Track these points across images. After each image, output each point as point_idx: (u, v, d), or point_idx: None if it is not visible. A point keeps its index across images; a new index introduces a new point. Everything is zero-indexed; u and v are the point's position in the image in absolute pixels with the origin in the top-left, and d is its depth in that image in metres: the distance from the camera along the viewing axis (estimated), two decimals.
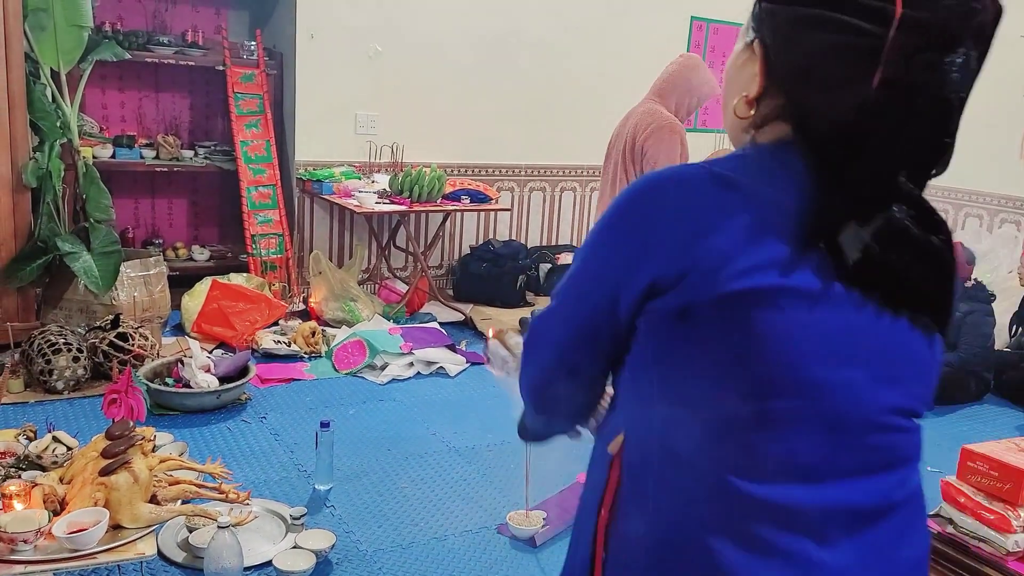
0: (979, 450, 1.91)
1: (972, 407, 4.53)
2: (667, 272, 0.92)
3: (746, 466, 0.91)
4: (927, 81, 0.90)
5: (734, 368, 0.91)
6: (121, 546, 2.43)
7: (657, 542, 0.96)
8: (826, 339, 0.91)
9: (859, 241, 0.91)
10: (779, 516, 0.91)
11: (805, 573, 0.91)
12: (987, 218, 6.26)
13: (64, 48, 4.12)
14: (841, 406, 0.92)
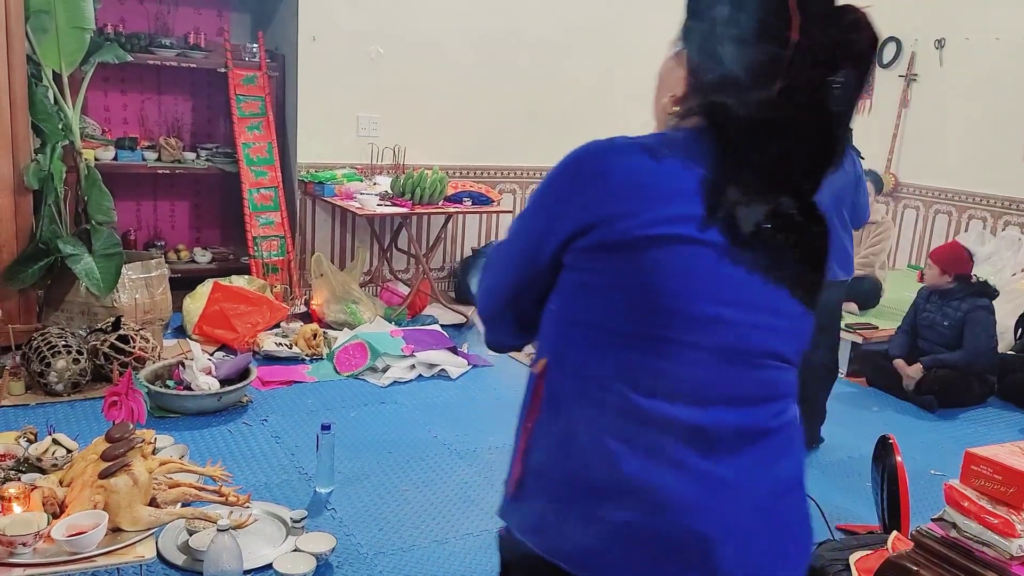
0: (983, 454, 1.89)
1: (976, 410, 4.51)
2: (592, 217, 1.11)
3: (645, 386, 1.09)
4: (815, 94, 1.10)
5: (639, 300, 1.09)
6: (120, 549, 2.43)
7: (567, 444, 1.13)
8: (718, 286, 1.10)
9: (752, 218, 1.10)
10: (672, 429, 1.09)
11: (691, 479, 1.09)
12: (991, 220, 6.24)
13: (66, 50, 4.12)
14: (728, 343, 1.11)
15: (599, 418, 1.11)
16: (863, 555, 2.31)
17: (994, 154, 6.17)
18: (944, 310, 4.51)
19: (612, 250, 1.10)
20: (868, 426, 4.10)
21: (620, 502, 1.09)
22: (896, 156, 6.79)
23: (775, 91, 1.09)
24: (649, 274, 1.09)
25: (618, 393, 1.10)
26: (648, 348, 1.10)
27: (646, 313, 1.09)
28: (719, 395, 1.11)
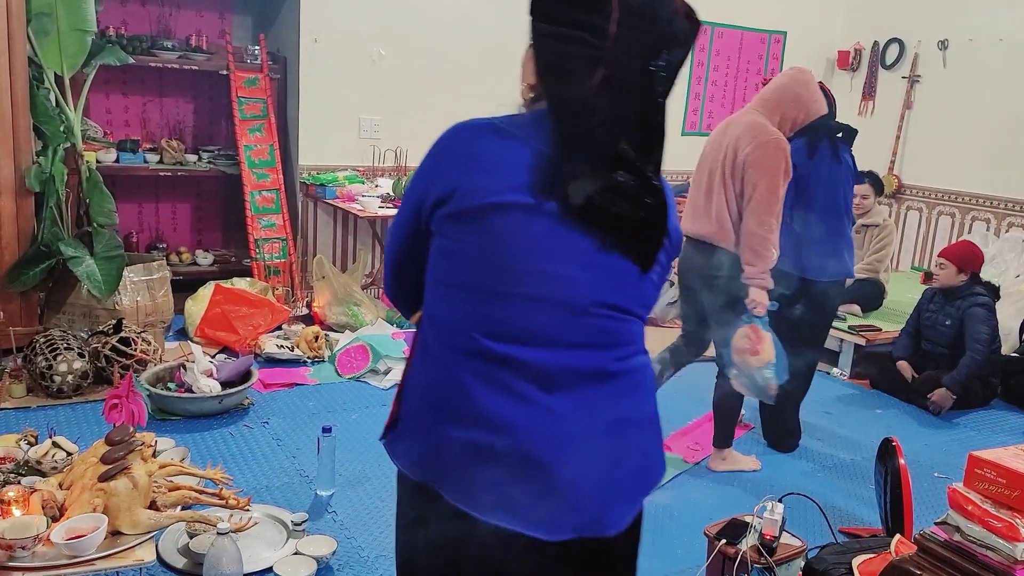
0: (986, 457, 1.88)
1: (980, 412, 4.50)
2: (450, 187, 1.30)
3: (495, 332, 1.28)
4: (634, 81, 1.26)
5: (486, 261, 1.28)
6: (120, 552, 2.42)
7: (431, 384, 1.34)
8: (552, 248, 1.27)
9: (583, 191, 1.25)
10: (516, 368, 1.27)
11: (533, 409, 1.27)
12: (994, 222, 6.22)
13: (68, 52, 4.12)
14: (567, 295, 1.28)
15: (457, 360, 1.30)
16: (866, 559, 2.29)
17: (998, 156, 6.16)
18: (946, 309, 4.50)
19: (463, 217, 1.29)
20: (871, 428, 4.09)
21: (472, 427, 1.28)
22: (899, 158, 6.77)
23: (598, 79, 1.24)
24: (492, 238, 1.27)
25: (473, 339, 1.29)
26: (496, 301, 1.28)
27: (491, 271, 1.28)
28: (559, 340, 1.28)
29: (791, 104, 3.32)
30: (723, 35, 6.66)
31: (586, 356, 1.30)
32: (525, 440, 1.26)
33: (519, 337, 1.28)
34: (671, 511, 3.19)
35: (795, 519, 2.67)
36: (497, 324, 1.28)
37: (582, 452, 1.28)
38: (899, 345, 4.71)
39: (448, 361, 1.31)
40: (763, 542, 2.40)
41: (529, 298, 1.28)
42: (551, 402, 1.28)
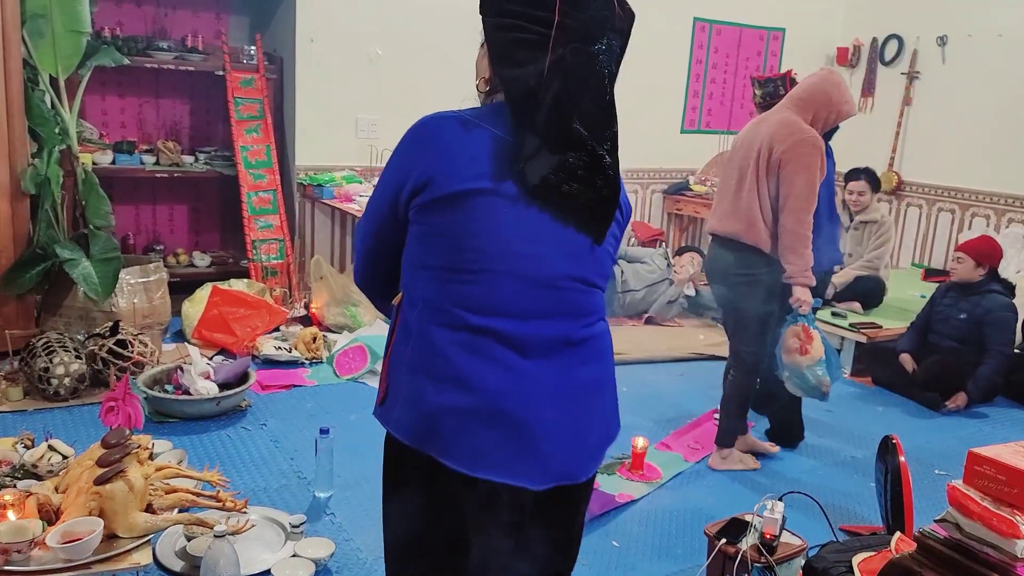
0: (986, 454, 1.86)
1: (981, 409, 4.48)
2: (423, 178, 1.42)
3: (473, 307, 1.42)
4: (580, 62, 1.39)
5: (458, 243, 1.41)
6: (116, 556, 2.41)
7: (416, 354, 1.45)
8: (521, 228, 1.40)
9: (539, 172, 1.39)
10: (495, 338, 1.42)
11: (512, 375, 1.42)
12: (994, 218, 6.21)
13: (63, 54, 4.11)
14: (534, 270, 1.42)
15: (439, 333, 1.43)
16: (866, 556, 2.28)
17: (997, 151, 6.14)
18: (961, 304, 4.49)
19: (438, 204, 1.41)
20: (872, 426, 4.08)
21: (457, 393, 1.41)
22: (899, 154, 6.76)
23: (546, 64, 1.38)
24: (462, 223, 1.40)
25: (453, 314, 1.42)
26: (473, 279, 1.41)
27: (465, 252, 1.41)
28: (531, 311, 1.43)
29: (822, 104, 3.33)
30: (721, 32, 6.64)
31: (555, 325, 1.46)
32: (506, 403, 1.42)
33: (496, 310, 1.42)
34: (671, 510, 3.17)
35: (795, 518, 2.66)
36: (475, 299, 1.42)
37: (556, 411, 1.45)
38: (905, 338, 4.71)
39: (432, 336, 1.44)
40: (763, 541, 2.39)
41: (503, 274, 1.42)
42: (527, 367, 1.43)
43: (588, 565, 2.75)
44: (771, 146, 3.25)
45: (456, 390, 1.42)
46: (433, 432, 1.42)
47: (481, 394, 1.41)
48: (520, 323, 1.43)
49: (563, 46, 1.39)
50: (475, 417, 1.41)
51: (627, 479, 3.36)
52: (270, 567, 2.57)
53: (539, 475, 1.44)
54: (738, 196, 3.32)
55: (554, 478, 1.45)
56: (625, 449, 3.53)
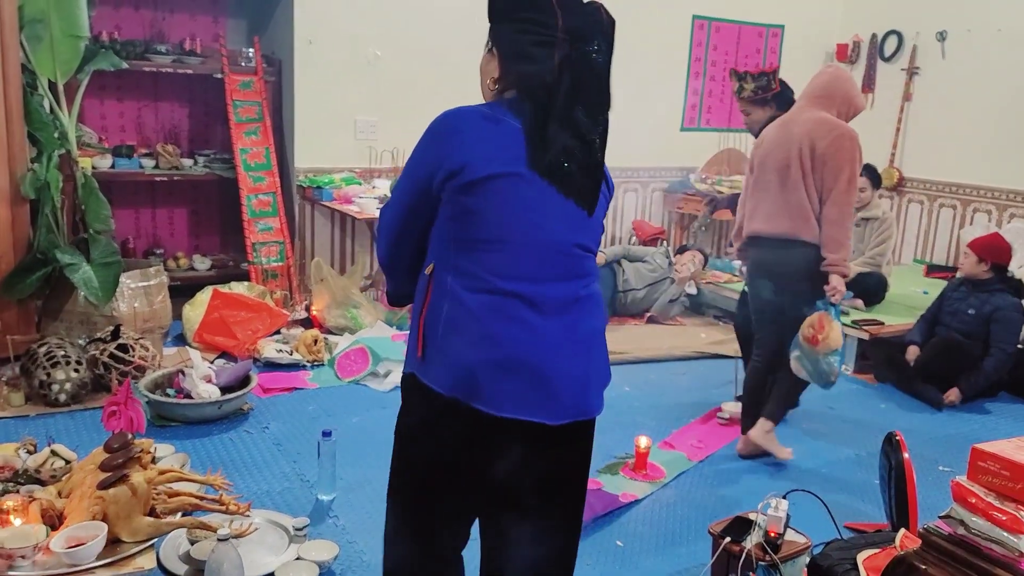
0: (990, 449, 1.86)
1: (985, 405, 4.48)
2: (458, 164, 1.65)
3: (500, 272, 1.67)
4: (581, 60, 1.67)
5: (487, 219, 1.66)
6: (120, 560, 2.41)
7: (451, 315, 1.69)
8: (537, 204, 1.67)
9: (551, 155, 1.66)
10: (519, 299, 1.67)
11: (531, 329, 1.68)
12: (996, 213, 6.20)
13: (61, 59, 4.11)
14: (549, 239, 1.69)
15: (471, 297, 1.67)
16: (871, 554, 2.28)
17: (998, 146, 6.14)
18: (970, 299, 4.50)
19: (469, 188, 1.65)
20: (875, 423, 4.07)
21: (485, 347, 1.66)
22: (900, 150, 6.75)
23: (556, 62, 1.65)
24: (491, 201, 1.65)
25: (483, 279, 1.67)
26: (498, 249, 1.67)
27: (492, 227, 1.66)
28: (547, 274, 1.69)
29: (843, 100, 3.46)
30: (720, 29, 6.63)
31: (566, 286, 1.72)
32: (528, 355, 1.67)
33: (519, 275, 1.67)
34: (675, 509, 3.17)
35: (799, 515, 2.65)
36: (502, 266, 1.67)
37: (567, 359, 1.71)
38: (914, 330, 4.72)
39: (465, 299, 1.68)
40: (768, 539, 2.39)
41: (524, 244, 1.67)
42: (543, 324, 1.69)
43: (592, 565, 2.75)
44: (812, 144, 3.36)
45: (486, 347, 1.66)
46: (468, 383, 1.66)
47: (507, 348, 1.67)
48: (538, 286, 1.68)
49: (567, 46, 1.65)
50: (502, 368, 1.66)
51: (631, 479, 3.35)
52: (274, 570, 2.56)
53: (557, 413, 1.70)
54: (784, 196, 3.42)
55: (570, 415, 1.72)
56: (628, 449, 3.53)
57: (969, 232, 6.12)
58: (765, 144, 3.53)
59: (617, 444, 3.66)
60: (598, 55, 1.70)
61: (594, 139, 1.70)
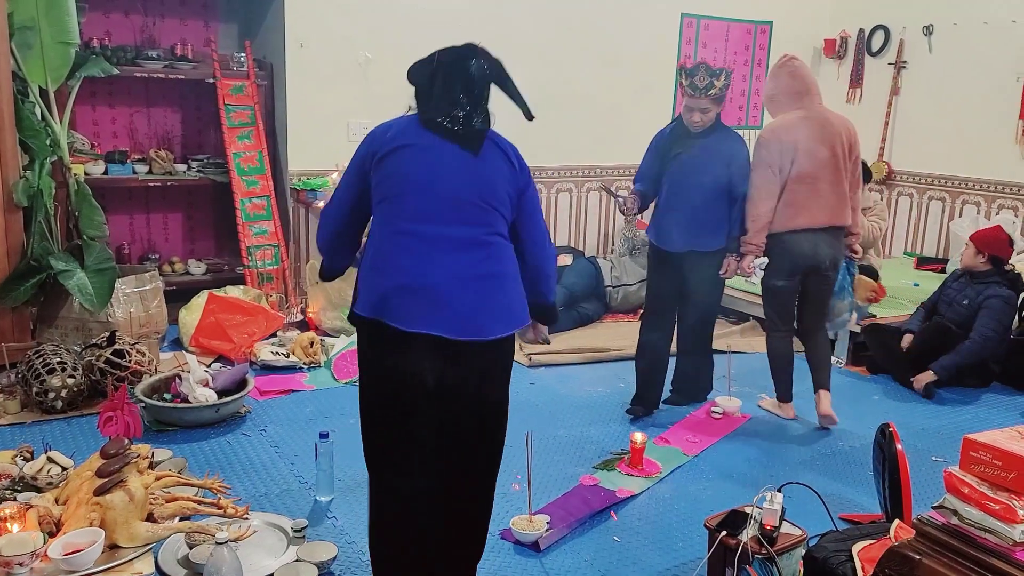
0: (982, 439, 1.87)
1: (977, 395, 4.50)
2: (377, 147, 2.23)
3: (405, 216, 2.17)
4: (452, 67, 2.26)
5: (400, 179, 2.19)
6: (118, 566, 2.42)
7: (373, 254, 2.21)
8: (433, 163, 2.19)
9: (443, 124, 2.21)
10: (419, 237, 2.15)
11: (430, 261, 2.14)
12: (984, 205, 6.23)
13: (51, 65, 4.11)
14: (441, 190, 2.17)
15: (384, 238, 2.18)
16: (866, 545, 2.29)
17: (986, 138, 6.17)
18: (967, 291, 4.53)
19: (382, 160, 2.20)
20: (869, 415, 4.09)
21: (393, 275, 2.14)
22: (888, 144, 6.78)
23: (433, 68, 2.27)
24: (396, 165, 2.19)
25: (393, 224, 2.18)
26: (401, 200, 2.18)
27: (396, 183, 2.18)
28: (440, 218, 2.16)
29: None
30: (708, 27, 6.65)
31: (464, 230, 2.16)
32: (426, 280, 2.13)
33: (418, 218, 2.15)
34: (671, 504, 3.19)
35: (794, 508, 2.67)
36: (406, 212, 2.16)
37: (461, 288, 2.14)
38: (912, 319, 4.75)
39: (380, 240, 2.19)
40: (763, 532, 2.40)
41: (423, 194, 2.16)
42: (440, 257, 2.14)
43: (590, 561, 2.77)
44: (850, 141, 3.81)
45: (393, 274, 2.14)
46: (383, 305, 2.13)
47: (409, 276, 2.13)
48: (436, 227, 2.15)
49: (441, 63, 2.28)
50: (406, 291, 2.12)
51: (626, 474, 3.37)
52: (273, 572, 2.57)
53: (453, 329, 2.12)
54: (839, 189, 3.78)
55: (465, 333, 2.13)
56: (624, 444, 3.55)
57: (959, 224, 6.16)
58: (807, 139, 3.72)
59: (613, 440, 3.68)
60: (475, 67, 2.26)
61: (469, 111, 2.22)
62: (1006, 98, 6.01)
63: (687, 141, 3.79)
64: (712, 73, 3.70)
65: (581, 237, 6.50)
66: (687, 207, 3.77)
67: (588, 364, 4.78)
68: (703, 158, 3.74)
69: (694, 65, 3.75)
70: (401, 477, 2.28)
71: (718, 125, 3.80)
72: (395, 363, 2.16)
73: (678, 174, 3.80)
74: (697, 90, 3.70)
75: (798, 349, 4.03)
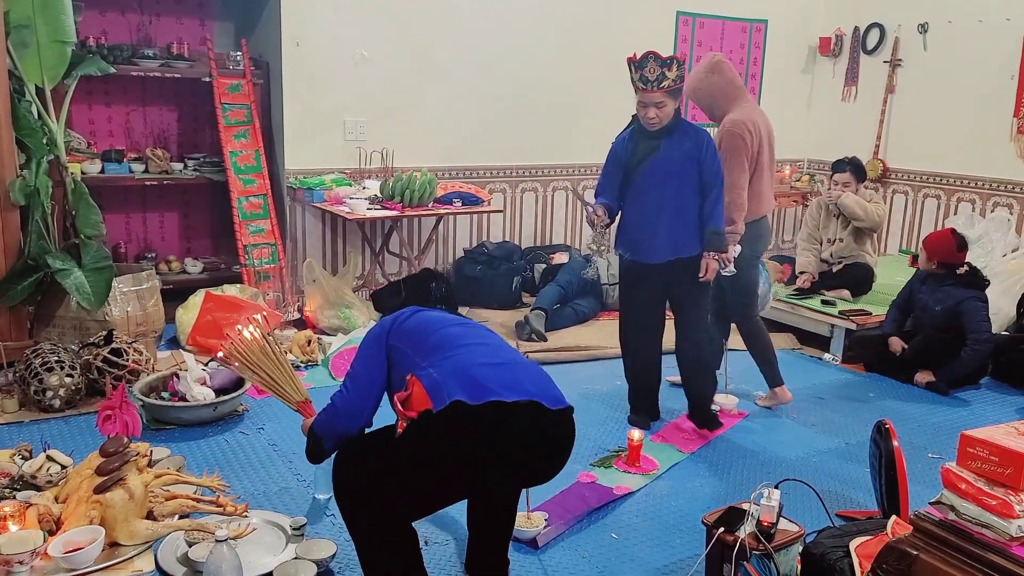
0: (978, 436, 1.88)
1: (971, 391, 4.52)
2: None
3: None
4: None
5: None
6: (118, 564, 2.42)
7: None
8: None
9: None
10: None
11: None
12: (979, 203, 6.25)
13: (48, 64, 4.10)
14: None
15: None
16: (863, 541, 2.31)
17: (981, 136, 6.19)
18: (937, 294, 4.52)
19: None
20: (866, 412, 4.11)
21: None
22: (884, 142, 6.80)
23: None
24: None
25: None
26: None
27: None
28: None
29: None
30: (704, 26, 6.67)
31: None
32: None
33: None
34: (668, 501, 3.20)
35: (792, 505, 2.68)
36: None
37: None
38: (888, 319, 4.75)
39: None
40: (761, 528, 2.41)
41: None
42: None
43: (588, 558, 2.77)
44: (771, 131, 3.91)
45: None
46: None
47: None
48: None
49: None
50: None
51: (624, 471, 3.38)
52: (272, 570, 2.58)
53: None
54: (774, 178, 4.00)
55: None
56: (621, 442, 3.56)
57: (954, 222, 6.17)
58: (762, 133, 3.83)
59: (610, 437, 3.69)
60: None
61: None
62: (1001, 96, 6.03)
63: (650, 143, 3.55)
64: (663, 63, 3.41)
65: (577, 236, 6.51)
66: (665, 214, 3.56)
67: (584, 362, 4.78)
68: (671, 158, 3.53)
69: (642, 56, 3.45)
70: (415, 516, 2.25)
71: (678, 121, 3.56)
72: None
73: (649, 179, 3.56)
74: (648, 83, 3.43)
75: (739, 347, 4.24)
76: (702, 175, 3.54)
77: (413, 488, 2.13)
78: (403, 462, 2.15)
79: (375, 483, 2.14)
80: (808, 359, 5.02)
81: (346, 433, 2.30)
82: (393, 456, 2.17)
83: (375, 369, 2.29)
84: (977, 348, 4.38)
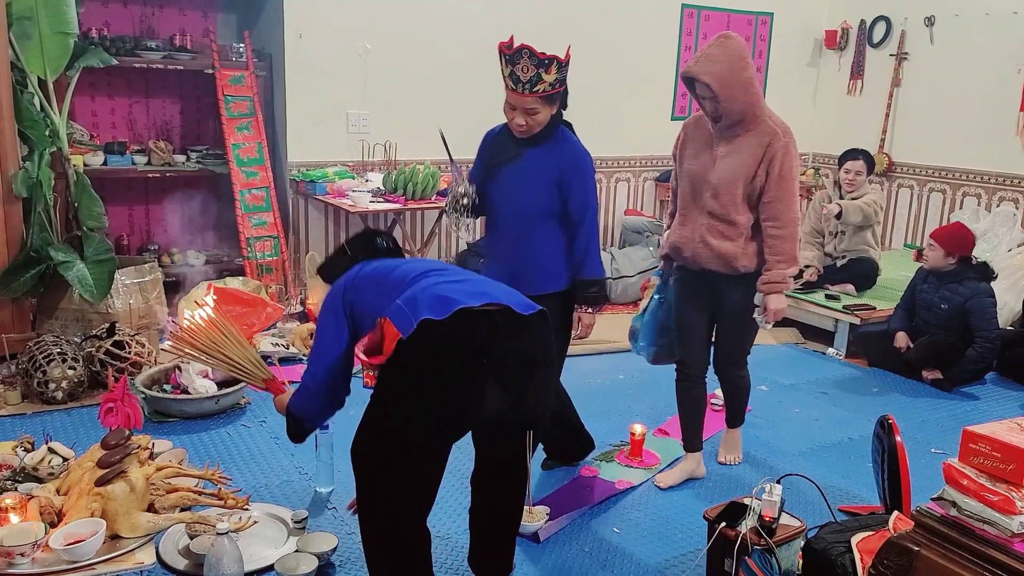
0: (981, 431, 1.88)
1: (974, 387, 4.51)
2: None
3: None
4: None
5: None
6: (119, 556, 2.43)
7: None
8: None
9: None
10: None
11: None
12: (985, 197, 6.23)
13: (50, 56, 4.09)
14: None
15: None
16: (865, 536, 2.30)
17: (987, 130, 6.16)
18: (942, 292, 4.48)
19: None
20: (868, 407, 4.10)
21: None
22: (889, 136, 6.77)
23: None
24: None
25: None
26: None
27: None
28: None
29: None
30: (709, 18, 6.64)
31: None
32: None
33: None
34: (670, 495, 3.19)
35: (794, 499, 2.68)
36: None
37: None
38: (896, 317, 4.72)
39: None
40: (763, 523, 2.41)
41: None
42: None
43: (590, 553, 2.77)
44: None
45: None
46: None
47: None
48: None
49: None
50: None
51: (626, 466, 3.38)
52: (273, 563, 2.58)
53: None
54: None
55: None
56: (623, 436, 3.55)
57: (959, 216, 6.15)
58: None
59: (612, 432, 3.69)
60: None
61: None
62: (1007, 90, 6.00)
63: (511, 149, 2.93)
64: (539, 63, 2.73)
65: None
66: (506, 236, 2.97)
67: (587, 356, 4.78)
68: (526, 172, 2.90)
69: (516, 49, 2.75)
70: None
71: (555, 130, 2.90)
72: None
73: (501, 190, 2.96)
74: (519, 84, 2.76)
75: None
76: (567, 201, 2.90)
77: (408, 435, 2.15)
78: (388, 406, 2.17)
79: (376, 439, 2.22)
80: (812, 354, 5.01)
81: (324, 410, 2.36)
82: (376, 408, 2.20)
83: (338, 337, 2.29)
84: (986, 346, 4.35)
